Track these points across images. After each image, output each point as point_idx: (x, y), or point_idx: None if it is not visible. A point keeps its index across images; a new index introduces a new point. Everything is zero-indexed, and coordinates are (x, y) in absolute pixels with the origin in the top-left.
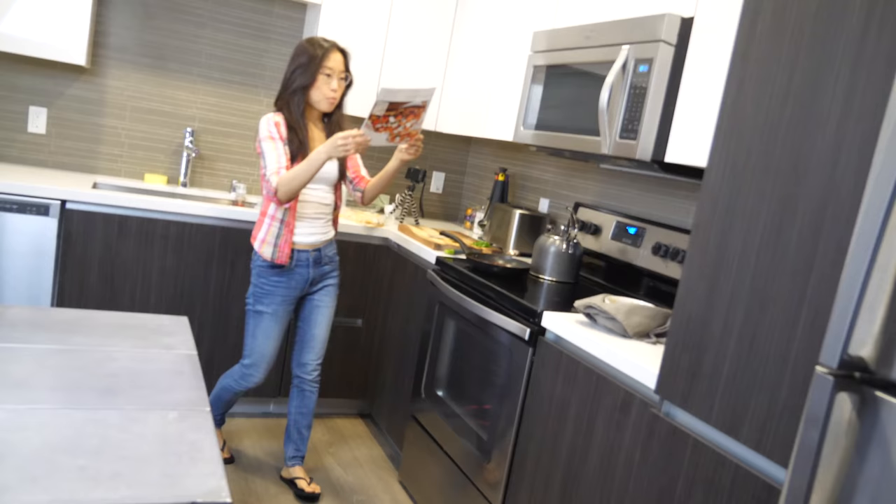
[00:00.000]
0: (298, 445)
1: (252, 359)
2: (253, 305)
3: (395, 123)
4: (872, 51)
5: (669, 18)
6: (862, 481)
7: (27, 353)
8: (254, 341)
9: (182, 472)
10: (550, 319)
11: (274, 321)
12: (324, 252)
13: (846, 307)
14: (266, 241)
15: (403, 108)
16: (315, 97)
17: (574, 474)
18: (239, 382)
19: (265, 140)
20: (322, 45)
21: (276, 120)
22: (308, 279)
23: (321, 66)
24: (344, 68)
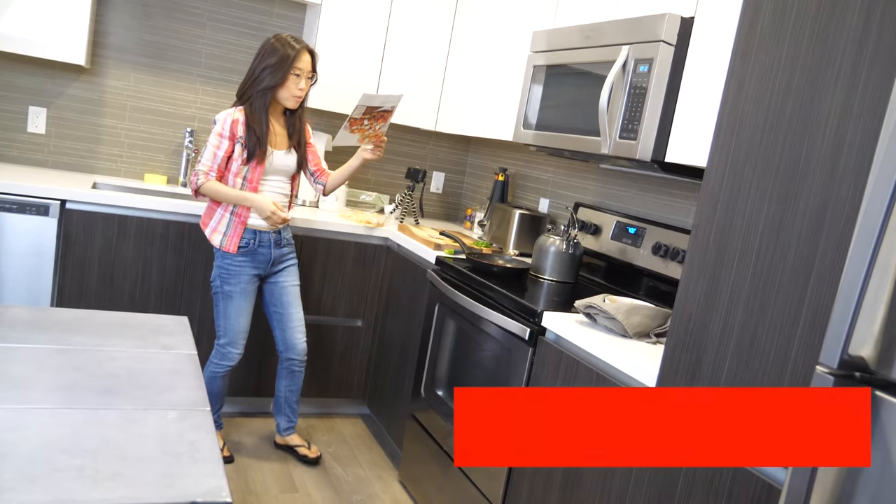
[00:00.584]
0: (290, 417)
1: (228, 337)
2: (220, 287)
3: (367, 126)
4: (872, 51)
5: (669, 18)
6: (862, 481)
7: (27, 353)
8: (227, 321)
9: (182, 472)
10: (550, 319)
11: (243, 298)
12: (283, 234)
13: (846, 307)
14: (217, 231)
15: (376, 112)
16: (283, 95)
17: (574, 474)
18: (220, 364)
19: (213, 134)
20: (294, 46)
21: (236, 117)
22: (270, 259)
23: (292, 67)
24: (311, 68)
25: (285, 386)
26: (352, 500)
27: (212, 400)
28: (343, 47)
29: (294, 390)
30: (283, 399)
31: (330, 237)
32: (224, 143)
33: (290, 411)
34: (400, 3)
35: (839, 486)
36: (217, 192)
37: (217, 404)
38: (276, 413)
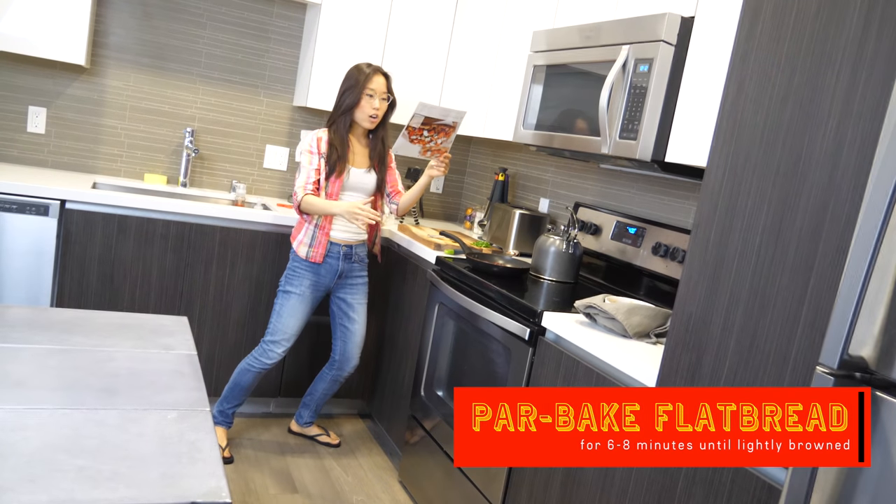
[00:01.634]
0: (314, 414)
1: (275, 336)
2: (283, 286)
3: (427, 138)
4: (872, 51)
5: (669, 18)
6: (862, 481)
7: (27, 353)
8: (279, 319)
9: (181, 472)
10: (550, 319)
11: (300, 302)
12: (355, 249)
13: (846, 307)
14: (303, 243)
15: (436, 125)
16: (359, 116)
17: (574, 474)
18: (259, 360)
19: (303, 153)
20: (364, 71)
21: (319, 136)
22: (337, 270)
23: (364, 88)
24: (386, 89)
25: (323, 390)
26: (352, 500)
27: (235, 393)
28: (343, 47)
29: (329, 394)
30: (316, 398)
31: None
32: (314, 158)
33: (316, 410)
34: (400, 3)
35: (839, 486)
36: (312, 204)
37: (237, 400)
38: (304, 406)
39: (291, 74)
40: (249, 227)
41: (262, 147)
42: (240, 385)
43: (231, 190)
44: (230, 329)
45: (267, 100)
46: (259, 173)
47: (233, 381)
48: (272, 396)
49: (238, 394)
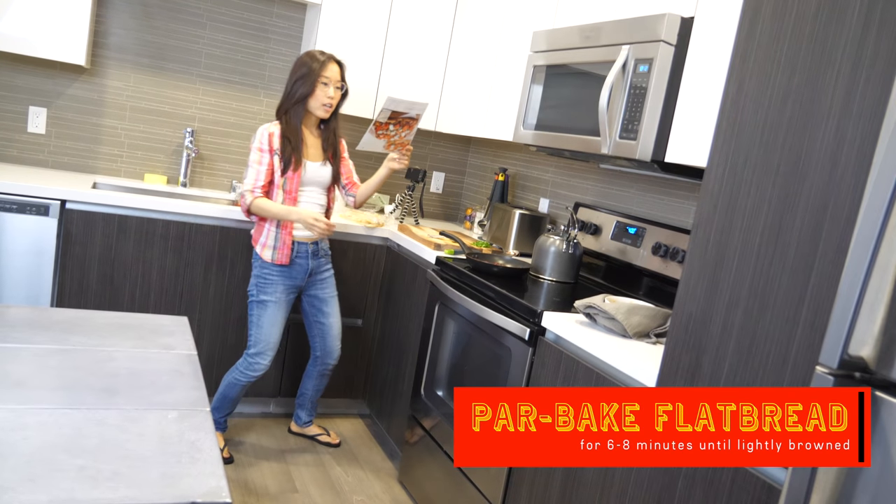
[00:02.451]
0: (311, 411)
1: (258, 347)
2: (256, 296)
3: (392, 132)
4: (872, 51)
5: (669, 18)
6: (862, 481)
7: (27, 353)
8: (259, 330)
9: (182, 472)
10: (550, 319)
11: (277, 309)
12: (320, 245)
13: (846, 307)
14: (266, 245)
15: (401, 118)
16: (313, 105)
17: (574, 474)
18: (245, 373)
19: (253, 151)
20: (319, 59)
21: (272, 131)
22: (307, 270)
23: (320, 76)
24: (340, 78)
25: (314, 386)
26: (352, 500)
27: (224, 405)
28: (343, 47)
29: (320, 390)
30: (308, 396)
31: (330, 237)
32: (265, 156)
33: (312, 407)
34: (400, 3)
35: (839, 486)
36: (263, 209)
37: (228, 410)
38: (299, 407)
39: None
40: (249, 227)
41: None
42: (228, 397)
43: (231, 190)
44: (230, 329)
45: (267, 100)
46: None
47: (221, 394)
48: (272, 396)
49: (227, 405)
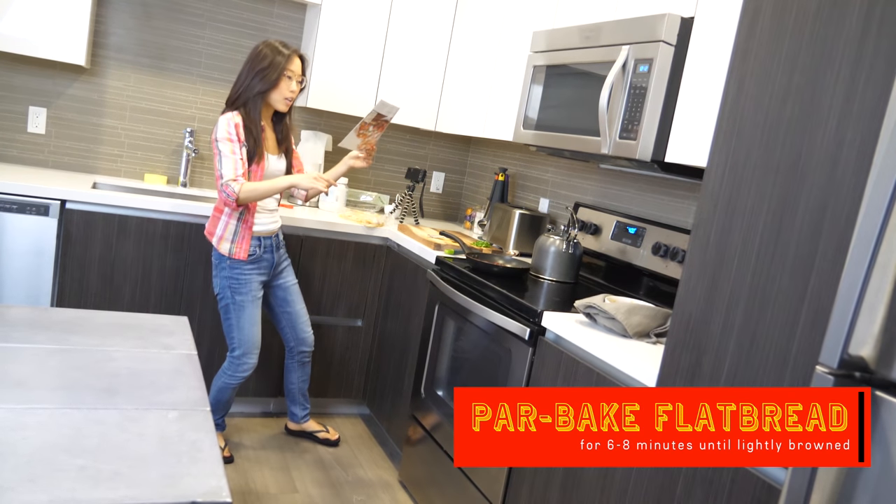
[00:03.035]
0: (304, 404)
1: (243, 348)
2: (231, 298)
3: (370, 133)
4: (872, 51)
5: (669, 18)
6: (862, 481)
7: (27, 353)
8: (241, 332)
9: (182, 471)
10: (550, 319)
11: (254, 307)
12: (279, 237)
13: (846, 307)
14: (224, 238)
15: (381, 121)
16: (275, 98)
17: (574, 474)
18: (234, 376)
19: (223, 141)
20: (283, 51)
21: (236, 121)
22: (273, 263)
23: (285, 69)
24: (301, 72)
25: (298, 378)
26: (352, 500)
27: (218, 407)
28: (343, 47)
29: (305, 380)
30: (296, 390)
31: (330, 237)
32: (236, 145)
33: (304, 399)
34: (400, 3)
35: (839, 486)
36: (257, 188)
37: (223, 411)
38: (291, 403)
39: None
40: None
41: None
42: (221, 401)
43: None
44: None
45: None
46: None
47: (214, 399)
48: (272, 396)
49: (221, 407)
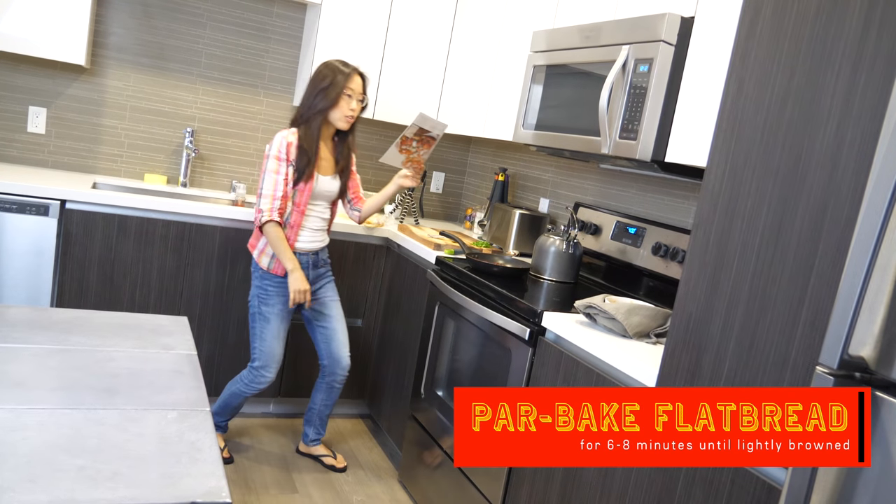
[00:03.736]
0: (319, 429)
1: (262, 360)
2: (258, 308)
3: (413, 149)
4: (872, 51)
5: (669, 18)
6: (862, 481)
7: (27, 353)
8: (262, 343)
9: (182, 472)
10: (550, 319)
11: (279, 321)
12: (320, 255)
13: (846, 307)
14: (264, 252)
15: (424, 136)
16: (335, 116)
17: (574, 474)
18: (250, 386)
19: (272, 159)
20: (343, 70)
21: (290, 140)
22: (309, 280)
23: (345, 87)
24: (362, 91)
25: (322, 400)
26: (352, 500)
27: (225, 411)
28: (343, 47)
29: (329, 405)
30: (316, 411)
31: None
32: (282, 166)
33: (321, 424)
34: (400, 3)
35: (839, 486)
36: (272, 237)
37: (228, 416)
38: (306, 423)
39: (291, 74)
40: (249, 227)
41: (261, 147)
42: (230, 406)
43: (231, 190)
44: (230, 329)
45: (267, 100)
46: (259, 173)
47: (224, 401)
48: (272, 396)
49: (229, 412)
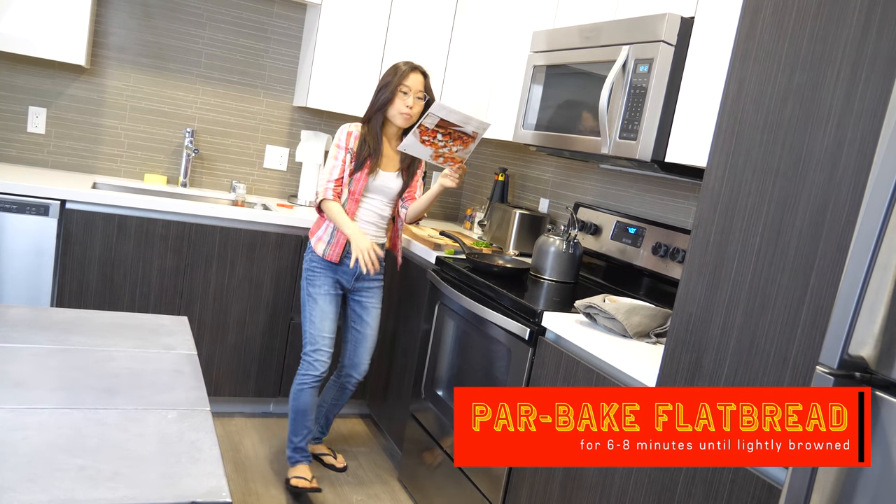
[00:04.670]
0: (324, 428)
1: (315, 344)
2: (306, 289)
3: (441, 142)
4: (872, 51)
5: (669, 18)
6: (862, 481)
7: (27, 353)
8: (312, 325)
9: (182, 471)
10: (550, 319)
11: (327, 302)
12: None
13: (846, 307)
14: (321, 239)
15: (452, 130)
16: (391, 113)
17: (574, 474)
18: (307, 374)
19: (333, 146)
20: (401, 68)
21: (350, 130)
22: (355, 272)
23: (400, 84)
24: (422, 88)
25: (332, 398)
26: (352, 500)
27: (300, 419)
28: (343, 47)
29: (338, 405)
30: (324, 410)
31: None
32: (340, 153)
33: (326, 423)
34: (400, 3)
35: (839, 486)
36: (331, 212)
37: (305, 428)
38: None
39: (291, 74)
40: (249, 227)
41: (261, 147)
42: (301, 409)
43: (231, 190)
44: (230, 329)
45: (267, 100)
46: (259, 173)
47: (293, 410)
48: (272, 396)
49: (303, 419)
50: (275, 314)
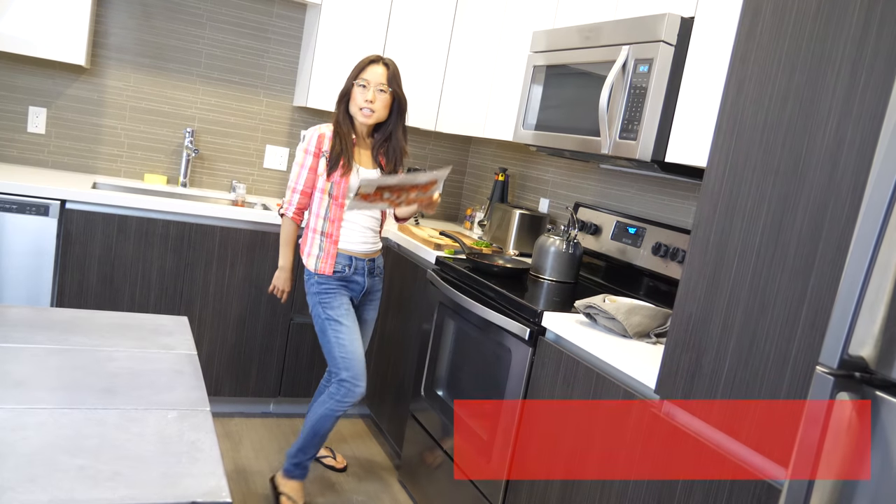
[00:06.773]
0: None
1: (350, 369)
2: (324, 314)
3: (391, 197)
4: (872, 51)
5: (669, 18)
6: (862, 481)
7: (27, 353)
8: (343, 350)
9: (182, 471)
10: (551, 319)
11: (351, 320)
12: (376, 262)
13: (846, 307)
14: (311, 254)
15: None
16: (352, 108)
17: (574, 474)
18: (342, 402)
19: (299, 151)
20: (364, 59)
21: (323, 132)
22: (364, 287)
23: (357, 77)
24: (384, 80)
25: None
26: (352, 500)
27: (312, 443)
28: (343, 47)
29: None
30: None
31: None
32: (308, 158)
33: None
34: (400, 3)
35: (839, 486)
36: (282, 229)
37: (315, 449)
38: None
39: (291, 74)
40: (249, 227)
41: (261, 147)
42: (319, 433)
43: (231, 190)
44: (230, 329)
45: (267, 100)
46: (259, 173)
47: (312, 431)
48: (272, 396)
49: (317, 443)
50: (275, 314)
